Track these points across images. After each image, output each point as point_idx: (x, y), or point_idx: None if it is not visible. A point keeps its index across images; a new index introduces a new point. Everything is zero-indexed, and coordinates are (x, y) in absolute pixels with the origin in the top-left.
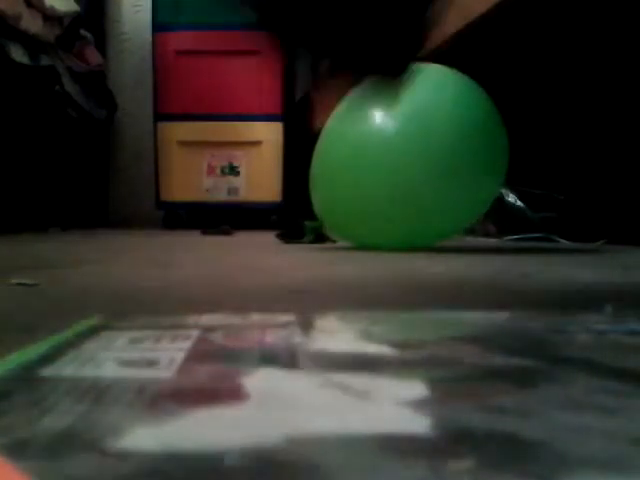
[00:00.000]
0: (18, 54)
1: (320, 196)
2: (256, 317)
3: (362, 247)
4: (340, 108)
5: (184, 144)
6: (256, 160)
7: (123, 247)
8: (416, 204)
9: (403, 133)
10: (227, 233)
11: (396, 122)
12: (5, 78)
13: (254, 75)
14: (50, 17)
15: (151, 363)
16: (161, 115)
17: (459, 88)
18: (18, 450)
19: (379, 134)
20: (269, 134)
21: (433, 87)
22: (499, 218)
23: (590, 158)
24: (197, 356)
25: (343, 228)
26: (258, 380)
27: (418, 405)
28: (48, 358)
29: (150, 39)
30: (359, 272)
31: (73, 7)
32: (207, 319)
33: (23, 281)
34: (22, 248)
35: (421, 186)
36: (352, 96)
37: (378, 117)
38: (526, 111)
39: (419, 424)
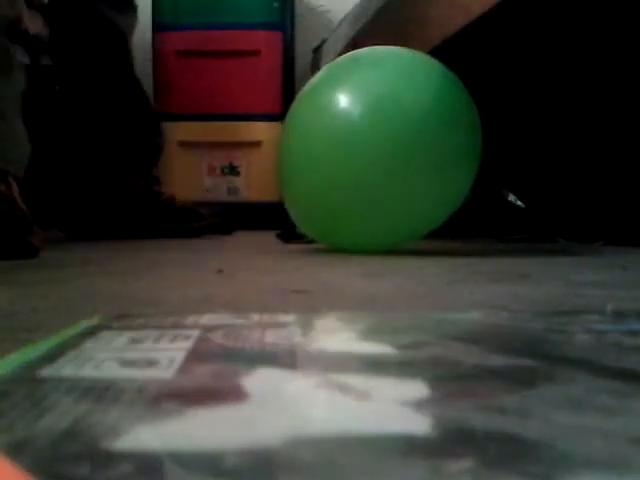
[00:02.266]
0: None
1: (287, 191)
2: (256, 317)
3: (332, 248)
4: (302, 94)
5: (184, 144)
6: (256, 160)
7: (123, 247)
8: (383, 201)
9: (369, 122)
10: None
11: (362, 110)
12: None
13: (254, 75)
14: None
15: (151, 363)
16: (161, 115)
17: (431, 75)
18: (18, 450)
19: (343, 125)
20: (269, 134)
21: (402, 72)
22: (499, 218)
23: (590, 158)
24: (197, 356)
25: (311, 228)
26: (258, 380)
27: (418, 405)
28: (48, 358)
29: (150, 39)
30: (360, 272)
31: None
32: (207, 319)
33: None
34: None
35: (388, 181)
36: (314, 81)
37: (342, 105)
38: (526, 111)
39: (419, 424)
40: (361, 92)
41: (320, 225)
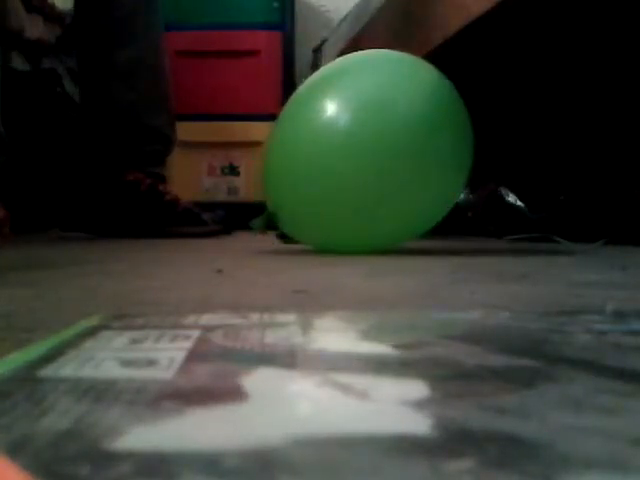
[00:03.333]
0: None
1: (274, 195)
2: (256, 317)
3: (322, 251)
4: (295, 97)
5: (184, 144)
6: (256, 160)
7: (123, 247)
8: (376, 203)
9: (360, 125)
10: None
11: (352, 113)
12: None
13: (254, 75)
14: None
15: (151, 363)
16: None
17: (423, 77)
18: (18, 450)
19: (334, 127)
20: (269, 134)
21: (394, 76)
22: (499, 218)
23: (590, 158)
24: (197, 356)
25: (299, 229)
26: (258, 380)
27: (418, 405)
28: (48, 358)
29: None
30: (361, 271)
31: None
32: (207, 319)
33: None
34: (22, 249)
35: (381, 183)
36: (306, 84)
37: (333, 108)
38: (526, 111)
39: (419, 424)
40: (353, 96)
41: (310, 228)
